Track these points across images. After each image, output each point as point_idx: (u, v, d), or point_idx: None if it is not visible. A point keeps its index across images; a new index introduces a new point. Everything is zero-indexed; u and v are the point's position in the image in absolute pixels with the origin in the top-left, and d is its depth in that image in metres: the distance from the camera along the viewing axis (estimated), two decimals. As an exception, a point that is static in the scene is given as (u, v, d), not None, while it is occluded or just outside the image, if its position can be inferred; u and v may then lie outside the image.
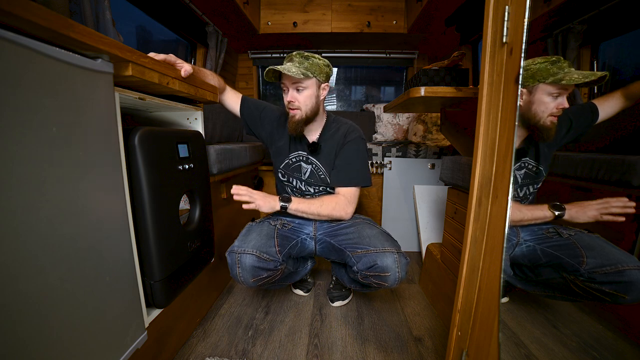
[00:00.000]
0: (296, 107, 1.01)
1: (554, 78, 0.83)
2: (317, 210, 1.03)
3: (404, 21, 2.16)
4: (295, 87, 1.00)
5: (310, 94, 1.01)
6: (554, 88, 0.85)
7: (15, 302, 0.41)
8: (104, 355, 0.58)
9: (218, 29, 2.03)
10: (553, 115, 0.88)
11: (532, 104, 0.89)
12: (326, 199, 1.06)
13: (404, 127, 2.47)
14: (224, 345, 0.99)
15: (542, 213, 0.92)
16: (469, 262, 0.66)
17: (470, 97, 1.04)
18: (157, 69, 0.69)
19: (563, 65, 0.84)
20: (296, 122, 1.03)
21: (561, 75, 0.83)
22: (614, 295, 0.79)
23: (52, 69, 0.46)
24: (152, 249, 0.72)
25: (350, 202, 1.07)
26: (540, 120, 0.89)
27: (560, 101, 0.87)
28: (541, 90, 0.87)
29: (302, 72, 0.95)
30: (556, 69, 0.84)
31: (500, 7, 0.57)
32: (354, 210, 1.09)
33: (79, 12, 1.06)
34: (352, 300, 1.28)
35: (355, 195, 1.08)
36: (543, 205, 0.93)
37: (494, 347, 0.57)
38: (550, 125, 0.89)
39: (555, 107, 0.87)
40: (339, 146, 1.09)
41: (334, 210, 1.04)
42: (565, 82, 0.82)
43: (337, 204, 1.05)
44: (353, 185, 1.07)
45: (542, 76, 0.85)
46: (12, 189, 0.40)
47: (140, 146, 0.68)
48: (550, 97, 0.87)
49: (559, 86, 0.85)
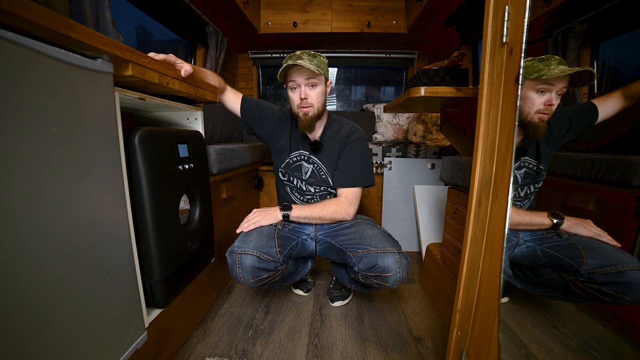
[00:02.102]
0: (309, 104, 1.01)
1: (537, 74, 0.84)
2: (319, 214, 1.04)
3: (404, 21, 2.16)
4: (308, 83, 1.00)
5: (322, 90, 1.02)
6: (538, 84, 0.86)
7: (15, 302, 0.41)
8: (104, 355, 0.58)
9: (218, 29, 2.03)
10: (541, 113, 0.88)
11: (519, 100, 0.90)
12: (327, 203, 1.06)
13: (404, 127, 2.46)
14: (224, 345, 0.99)
15: (540, 219, 0.93)
16: (469, 262, 0.66)
17: (470, 97, 1.04)
18: (157, 69, 0.69)
19: (550, 63, 0.85)
20: (310, 119, 1.03)
21: (545, 71, 0.84)
22: (614, 295, 0.79)
23: (52, 69, 0.46)
24: (152, 249, 0.72)
25: (351, 203, 1.07)
26: (528, 117, 0.89)
27: (548, 98, 0.87)
28: (526, 87, 0.88)
29: (316, 68, 0.95)
30: (542, 65, 0.85)
31: (500, 7, 0.57)
32: (357, 210, 1.09)
33: (79, 12, 1.06)
34: (352, 300, 1.28)
35: (356, 196, 1.08)
36: (542, 212, 0.94)
37: (494, 347, 0.57)
38: (539, 123, 0.89)
39: (542, 104, 0.87)
40: (342, 146, 1.09)
41: (335, 213, 1.05)
42: (546, 77, 0.82)
43: (339, 206, 1.05)
44: (355, 186, 1.07)
45: (528, 73, 0.86)
46: (12, 189, 0.40)
47: (140, 146, 0.68)
48: (537, 94, 0.87)
49: (542, 81, 0.85)
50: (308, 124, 1.03)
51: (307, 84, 1.00)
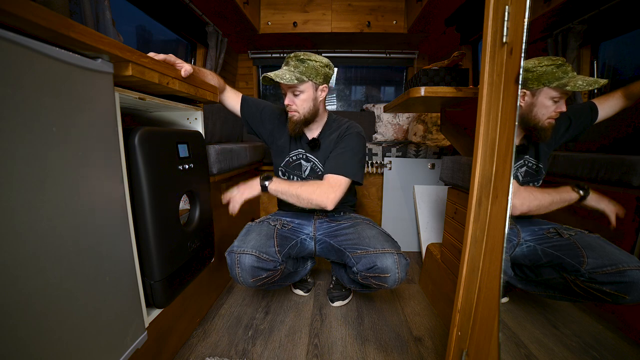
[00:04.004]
0: (294, 110, 1.03)
1: (559, 83, 0.84)
2: (297, 192, 0.97)
3: (404, 21, 2.16)
4: (292, 91, 1.01)
5: (307, 97, 1.01)
6: (557, 92, 0.86)
7: (15, 302, 0.41)
8: (104, 355, 0.58)
9: (218, 29, 2.03)
10: (551, 118, 0.89)
11: (534, 106, 0.89)
12: (308, 182, 1.01)
13: (404, 127, 2.46)
14: (224, 345, 0.99)
15: (568, 195, 0.89)
16: (469, 262, 0.66)
17: (470, 97, 1.04)
18: (157, 69, 0.69)
19: (567, 70, 0.84)
20: (295, 123, 1.04)
21: (566, 80, 0.83)
22: (614, 295, 0.79)
23: (52, 69, 0.46)
24: (152, 249, 0.72)
25: (333, 189, 0.98)
26: (539, 123, 0.90)
27: (560, 105, 0.88)
28: (544, 94, 0.87)
29: (297, 77, 0.95)
30: (561, 73, 0.84)
31: (500, 7, 0.57)
32: (338, 200, 0.99)
33: (79, 12, 1.06)
34: (352, 300, 1.28)
35: (340, 184, 0.99)
36: (566, 187, 0.90)
37: (494, 347, 0.57)
38: (548, 127, 0.90)
39: (554, 110, 0.88)
40: (337, 140, 1.08)
41: (313, 194, 0.96)
42: (570, 89, 0.82)
43: (319, 187, 0.98)
44: (340, 174, 1.00)
45: (548, 80, 0.85)
46: (12, 188, 0.40)
47: (140, 146, 0.68)
48: (552, 101, 0.88)
49: (562, 91, 0.85)
50: (293, 126, 1.05)
51: (291, 92, 1.01)
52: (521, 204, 0.86)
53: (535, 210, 0.87)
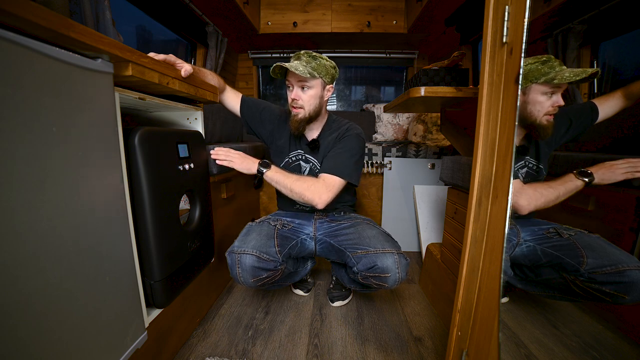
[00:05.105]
0: (300, 105, 1.01)
1: (546, 78, 0.84)
2: (290, 185, 0.98)
3: (404, 21, 2.16)
4: (301, 85, 1.00)
5: (315, 94, 1.01)
6: (547, 87, 0.86)
7: (15, 302, 0.41)
8: (104, 355, 0.58)
9: (218, 29, 2.03)
10: (549, 114, 0.89)
11: (527, 104, 0.90)
12: (304, 178, 1.01)
13: (404, 127, 2.46)
14: (224, 345, 0.99)
15: (573, 184, 0.87)
16: (469, 262, 0.66)
17: (470, 97, 1.04)
18: (157, 69, 0.69)
19: (554, 64, 0.85)
20: (298, 121, 1.03)
21: (553, 74, 0.84)
22: (614, 295, 0.79)
23: (52, 69, 0.46)
24: (152, 249, 0.72)
25: (327, 189, 0.98)
26: (537, 120, 0.90)
27: (555, 99, 0.88)
28: (535, 91, 0.88)
29: (309, 72, 0.95)
30: (547, 68, 0.85)
31: (500, 7, 0.57)
32: (330, 200, 0.99)
33: (79, 12, 1.06)
34: (352, 300, 1.28)
35: (335, 185, 0.99)
36: (568, 175, 0.88)
37: (494, 347, 0.57)
38: (547, 124, 0.90)
39: (551, 105, 0.88)
40: (336, 141, 1.08)
41: (307, 190, 0.97)
42: (558, 81, 0.82)
43: (314, 184, 0.98)
44: (335, 174, 1.00)
45: (534, 76, 0.86)
46: (12, 189, 0.40)
47: (140, 146, 0.68)
48: (545, 96, 0.88)
49: (552, 85, 0.85)
50: (296, 125, 1.03)
51: (299, 86, 1.00)
52: (528, 203, 0.86)
53: (543, 207, 0.87)
